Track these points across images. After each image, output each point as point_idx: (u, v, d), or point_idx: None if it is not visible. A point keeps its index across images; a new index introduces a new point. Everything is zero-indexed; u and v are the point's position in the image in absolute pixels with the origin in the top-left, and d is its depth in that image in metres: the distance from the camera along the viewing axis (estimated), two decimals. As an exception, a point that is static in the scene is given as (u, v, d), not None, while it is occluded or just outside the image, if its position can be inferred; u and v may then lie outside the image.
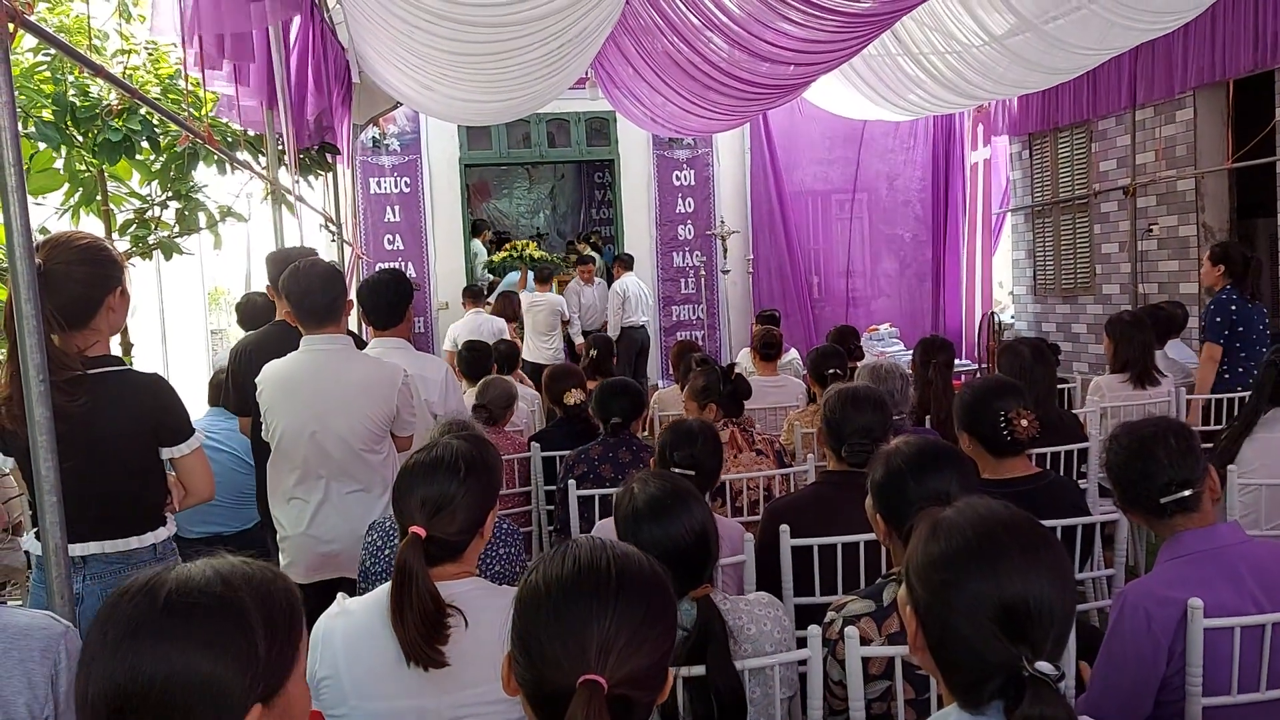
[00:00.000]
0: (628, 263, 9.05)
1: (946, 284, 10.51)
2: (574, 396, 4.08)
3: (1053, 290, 9.24)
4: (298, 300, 3.02)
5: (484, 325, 7.82)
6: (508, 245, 10.98)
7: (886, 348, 8.98)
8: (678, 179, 9.72)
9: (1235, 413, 4.45)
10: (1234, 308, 4.88)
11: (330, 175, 6.52)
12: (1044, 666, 1.12)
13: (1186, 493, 2.02)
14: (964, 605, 1.17)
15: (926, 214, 10.51)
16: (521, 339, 8.46)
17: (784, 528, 2.54)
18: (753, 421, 3.91)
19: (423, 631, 1.63)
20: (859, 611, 1.86)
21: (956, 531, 1.22)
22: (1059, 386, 5.22)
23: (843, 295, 10.50)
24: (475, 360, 5.10)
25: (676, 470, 2.49)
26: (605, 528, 2.53)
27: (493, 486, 1.81)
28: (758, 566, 2.57)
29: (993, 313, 9.85)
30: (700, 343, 9.64)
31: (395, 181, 9.30)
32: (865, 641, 1.82)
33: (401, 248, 9.30)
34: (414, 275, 9.13)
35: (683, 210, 9.74)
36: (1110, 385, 4.72)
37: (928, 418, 4.25)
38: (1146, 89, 7.51)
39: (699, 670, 1.72)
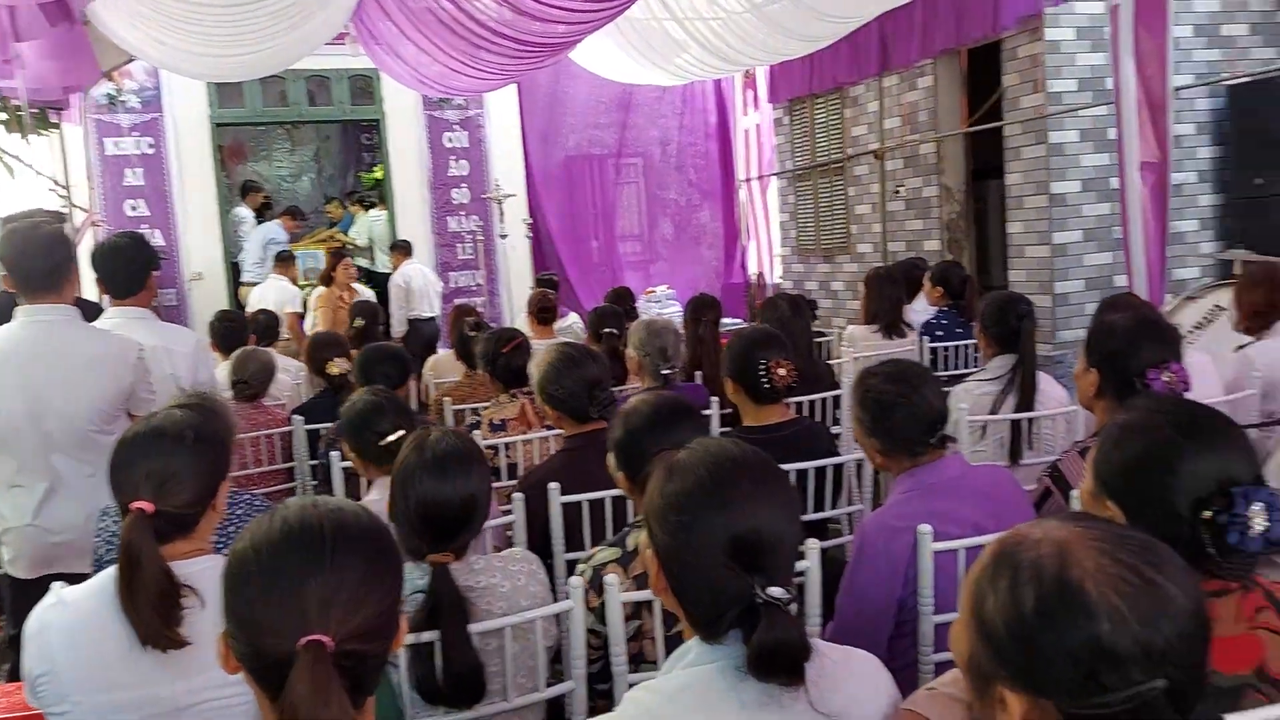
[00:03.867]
0: (406, 249, 8.49)
1: (723, 246, 10.85)
2: (337, 366, 3.90)
3: (814, 250, 9.72)
4: (13, 265, 2.74)
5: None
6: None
7: (664, 309, 9.18)
8: (449, 140, 9.47)
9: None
10: (940, 333, 4.98)
11: (59, 135, 5.92)
12: (776, 592, 1.17)
13: (944, 430, 2.16)
14: (700, 541, 1.20)
15: (700, 178, 10.78)
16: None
17: (553, 486, 2.54)
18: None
19: (158, 613, 1.52)
20: (606, 559, 1.89)
21: (690, 471, 1.25)
22: (818, 339, 5.51)
23: (622, 259, 10.64)
24: (229, 332, 4.79)
25: None
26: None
27: (223, 456, 1.69)
28: (530, 537, 2.57)
29: (760, 273, 10.26)
30: (481, 309, 9.49)
31: (136, 142, 8.54)
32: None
33: (146, 214, 8.58)
34: (161, 244, 8.46)
35: (456, 173, 9.51)
36: (862, 335, 5.01)
37: (699, 373, 4.37)
38: (893, 57, 7.97)
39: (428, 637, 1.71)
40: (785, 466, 2.65)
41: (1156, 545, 0.97)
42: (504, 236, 9.08)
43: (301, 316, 7.97)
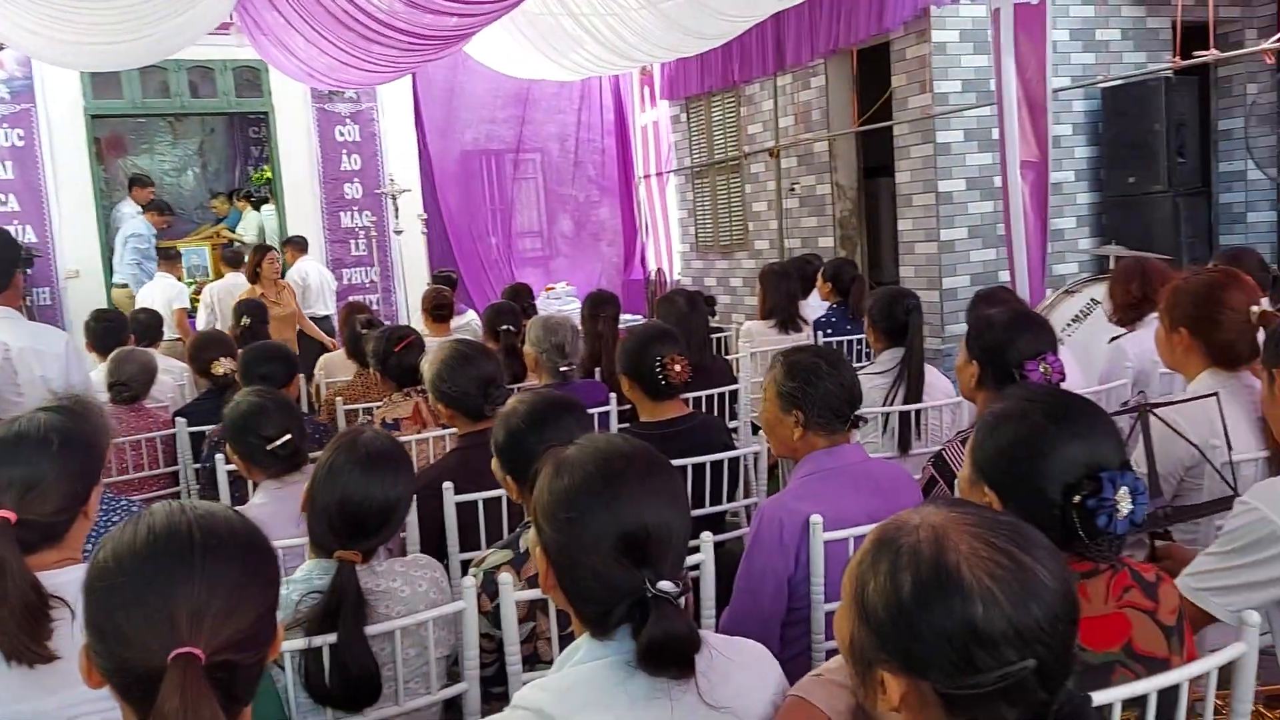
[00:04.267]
0: (302, 246, 8.21)
1: (623, 243, 10.86)
2: (222, 366, 3.77)
3: (712, 247, 9.81)
4: None
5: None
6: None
7: (564, 306, 9.14)
8: (341, 134, 9.24)
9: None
10: (829, 330, 5.09)
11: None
12: (665, 586, 1.17)
13: (857, 414, 2.20)
14: (589, 537, 1.19)
15: (599, 174, 10.77)
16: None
17: (447, 485, 2.50)
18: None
19: (25, 627, 1.44)
20: (498, 562, 1.87)
21: (578, 467, 1.24)
22: (715, 335, 5.57)
23: (521, 255, 10.56)
24: (106, 332, 4.59)
25: None
26: None
27: (93, 461, 1.62)
28: (423, 538, 2.53)
29: (659, 269, 10.32)
30: (375, 307, 9.31)
31: (5, 134, 8.11)
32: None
33: (17, 209, 8.15)
34: (34, 241, 8.05)
35: (349, 167, 9.29)
36: (759, 331, 5.08)
37: (598, 369, 4.37)
38: (787, 56, 8.10)
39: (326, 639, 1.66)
40: (682, 461, 2.72)
41: (1027, 529, 1.00)
42: (399, 232, 8.91)
43: (190, 314, 7.67)
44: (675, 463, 2.63)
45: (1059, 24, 6.85)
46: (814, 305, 5.86)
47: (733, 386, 4.06)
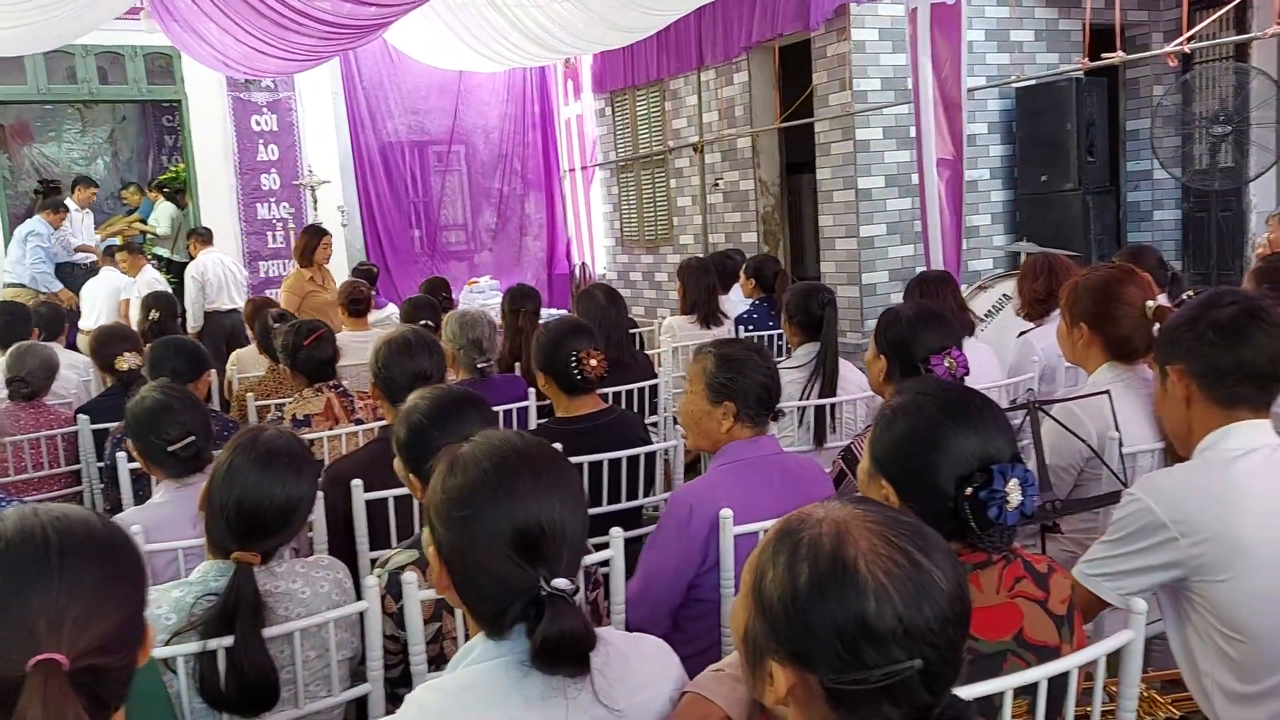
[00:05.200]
0: (205, 237, 7.90)
1: (548, 237, 10.80)
2: (127, 361, 3.65)
3: (637, 241, 9.83)
4: None
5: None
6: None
7: (488, 300, 9.06)
8: (258, 124, 9.02)
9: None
10: (751, 325, 5.10)
11: None
12: (560, 583, 1.16)
13: (777, 406, 2.22)
14: (483, 535, 1.17)
15: (525, 167, 10.68)
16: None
17: (356, 482, 2.45)
18: (342, 377, 3.75)
19: None
20: (404, 561, 1.84)
21: (472, 464, 1.22)
22: (638, 330, 5.58)
23: (445, 249, 10.43)
24: (7, 325, 4.40)
25: None
26: None
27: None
28: (329, 533, 2.47)
29: (583, 263, 10.29)
30: (293, 300, 9.11)
31: (-101, 120, 7.76)
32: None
33: (-87, 199, 7.82)
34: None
35: (266, 158, 9.07)
36: (680, 326, 5.09)
37: (518, 365, 4.33)
38: (710, 51, 8.14)
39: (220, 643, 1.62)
40: (599, 456, 2.71)
41: (928, 532, 1.01)
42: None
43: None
44: (591, 458, 2.68)
45: (974, 25, 7.00)
46: (736, 301, 5.90)
47: (653, 381, 4.06)
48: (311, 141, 9.25)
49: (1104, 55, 5.39)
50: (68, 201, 8.53)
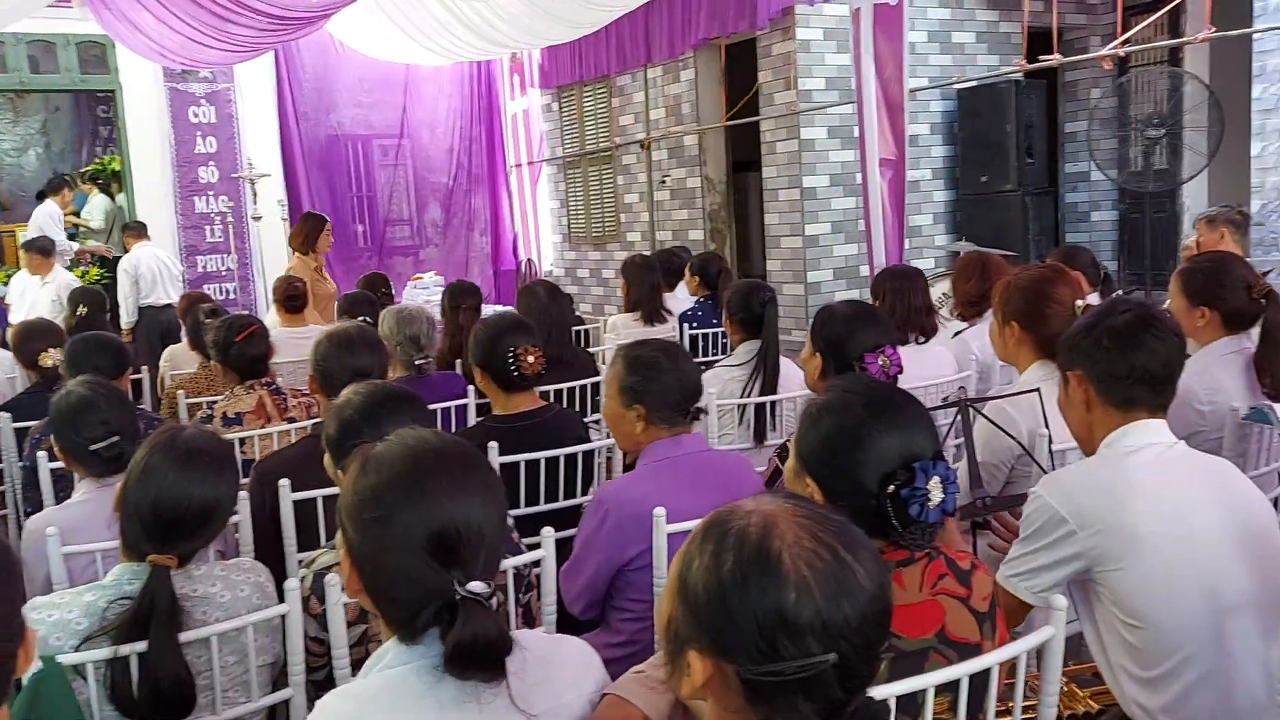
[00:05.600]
0: (139, 231, 7.67)
1: (495, 233, 10.71)
2: (50, 358, 3.54)
3: (584, 238, 9.79)
4: None
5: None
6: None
7: (431, 297, 8.96)
8: (195, 115, 8.82)
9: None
10: (695, 323, 5.09)
11: None
12: (475, 586, 1.13)
13: (700, 405, 2.21)
14: (395, 538, 1.14)
15: (471, 162, 10.58)
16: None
17: (284, 482, 2.40)
18: (276, 375, 3.67)
19: None
20: (329, 563, 1.80)
21: (385, 464, 1.19)
22: (581, 327, 5.55)
23: (389, 244, 10.30)
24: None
25: None
26: None
27: None
28: (256, 531, 2.41)
29: (529, 259, 10.23)
30: (232, 296, 8.94)
31: None
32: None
33: None
34: None
35: (204, 150, 8.88)
36: (624, 323, 5.07)
37: (459, 362, 4.28)
38: (657, 48, 8.13)
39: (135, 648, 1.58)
40: (536, 455, 2.68)
41: (856, 531, 1.01)
42: (257, 219, 8.58)
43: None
44: (528, 456, 2.65)
45: (917, 26, 7.07)
46: (682, 298, 5.90)
47: (595, 379, 4.03)
48: (251, 134, 9.07)
49: (1041, 58, 5.47)
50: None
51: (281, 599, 1.75)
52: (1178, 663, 1.66)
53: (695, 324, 5.11)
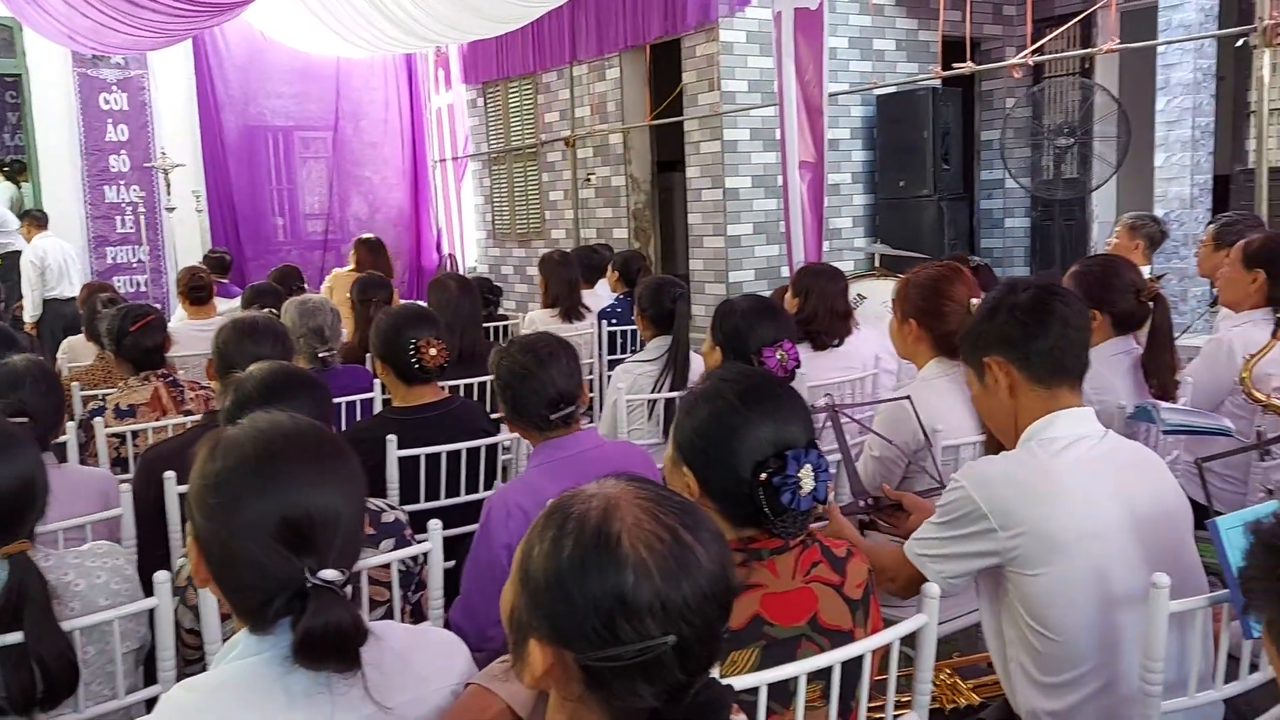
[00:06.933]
0: (40, 221, 7.48)
1: (419, 229, 10.57)
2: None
3: (509, 235, 9.72)
4: None
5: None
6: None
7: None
8: (107, 102, 8.55)
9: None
10: (615, 319, 5.10)
11: None
12: (328, 574, 1.10)
13: (571, 409, 2.19)
14: (244, 524, 1.10)
15: (394, 156, 10.44)
16: None
17: (168, 474, 2.33)
18: (176, 368, 3.56)
19: None
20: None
21: (235, 448, 1.15)
22: (500, 323, 5.50)
23: (311, 238, 10.11)
24: None
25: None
26: None
27: None
28: (139, 521, 2.33)
29: (451, 254, 10.13)
30: (143, 288, 8.69)
31: None
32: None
33: None
34: None
35: (115, 138, 8.61)
36: (542, 320, 5.04)
37: (368, 355, 4.20)
38: (583, 47, 8.11)
39: (16, 638, 1.50)
40: (436, 449, 2.64)
41: (698, 511, 1.00)
42: (171, 210, 8.35)
43: None
44: (429, 450, 2.61)
45: (839, 32, 7.16)
46: (602, 295, 5.89)
47: (505, 374, 4.00)
48: (166, 123, 8.83)
49: (955, 65, 5.58)
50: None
51: (143, 581, 1.67)
52: (1081, 674, 1.65)
53: (615, 320, 5.11)
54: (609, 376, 4.18)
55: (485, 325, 5.24)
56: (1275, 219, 5.46)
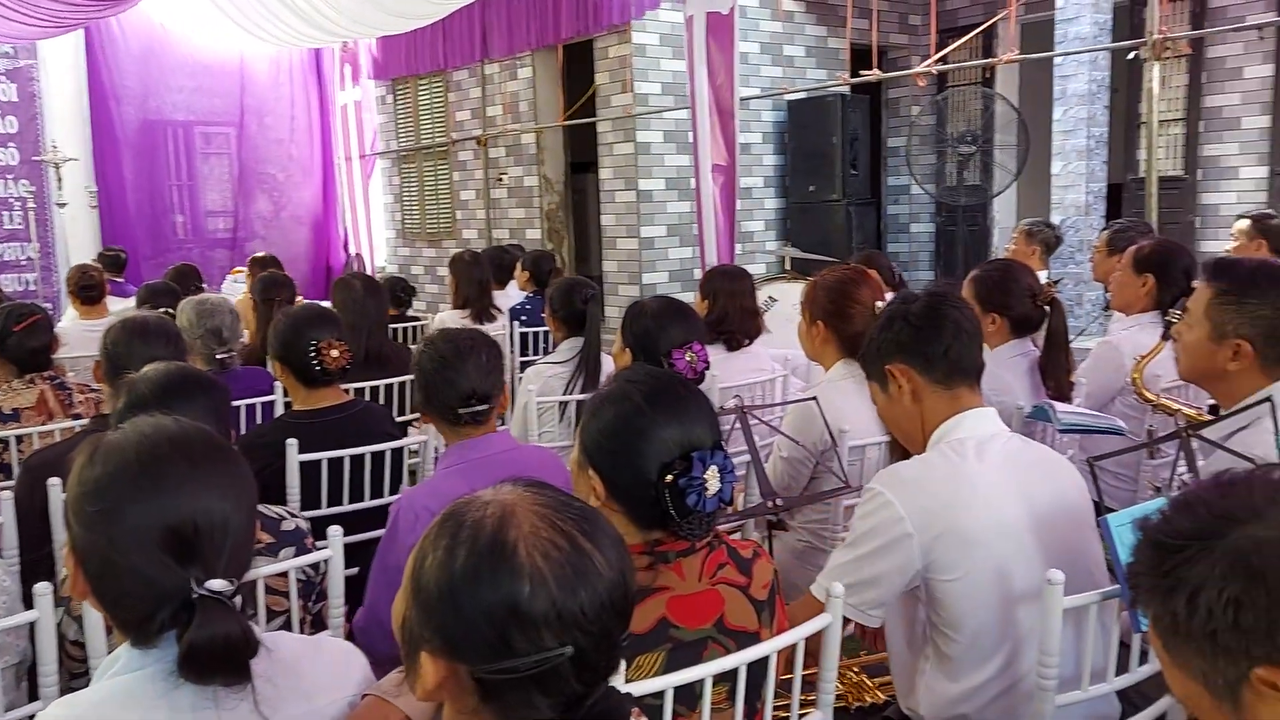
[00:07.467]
0: None
1: (328, 228, 10.33)
2: None
3: (419, 234, 9.58)
4: None
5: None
6: None
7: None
8: (-7, 92, 8.17)
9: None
10: (525, 318, 5.09)
11: None
12: (216, 584, 1.05)
13: (484, 406, 2.14)
14: (125, 533, 1.05)
15: (301, 153, 10.18)
16: None
17: (53, 481, 2.22)
18: (64, 370, 3.41)
19: None
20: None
21: (115, 454, 1.09)
22: (411, 324, 5.41)
23: (214, 236, 9.79)
24: None
25: None
26: None
27: None
28: (22, 531, 2.22)
29: (358, 254, 9.93)
30: (32, 287, 8.31)
31: None
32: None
33: None
34: None
35: (3, 130, 8.21)
36: (453, 320, 4.96)
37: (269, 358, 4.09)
38: (494, 45, 8.04)
39: None
40: (340, 453, 2.57)
41: (596, 516, 0.98)
42: (62, 205, 8.00)
43: None
44: (332, 454, 2.54)
45: (750, 37, 7.24)
46: (513, 295, 5.83)
47: (411, 376, 3.92)
48: (57, 115, 8.44)
49: (862, 73, 5.68)
50: None
51: (26, 593, 1.60)
52: (988, 676, 1.66)
53: (525, 318, 5.07)
54: (520, 378, 4.15)
55: (396, 326, 5.16)
56: (1165, 226, 5.70)
